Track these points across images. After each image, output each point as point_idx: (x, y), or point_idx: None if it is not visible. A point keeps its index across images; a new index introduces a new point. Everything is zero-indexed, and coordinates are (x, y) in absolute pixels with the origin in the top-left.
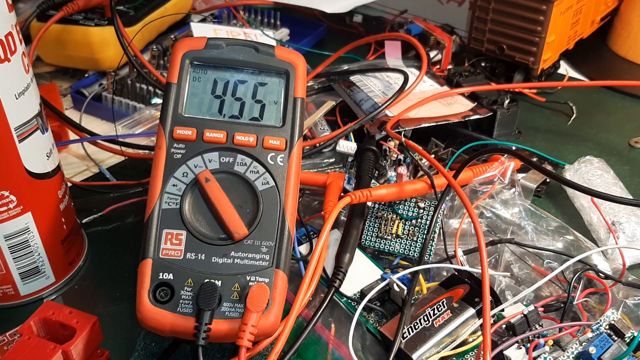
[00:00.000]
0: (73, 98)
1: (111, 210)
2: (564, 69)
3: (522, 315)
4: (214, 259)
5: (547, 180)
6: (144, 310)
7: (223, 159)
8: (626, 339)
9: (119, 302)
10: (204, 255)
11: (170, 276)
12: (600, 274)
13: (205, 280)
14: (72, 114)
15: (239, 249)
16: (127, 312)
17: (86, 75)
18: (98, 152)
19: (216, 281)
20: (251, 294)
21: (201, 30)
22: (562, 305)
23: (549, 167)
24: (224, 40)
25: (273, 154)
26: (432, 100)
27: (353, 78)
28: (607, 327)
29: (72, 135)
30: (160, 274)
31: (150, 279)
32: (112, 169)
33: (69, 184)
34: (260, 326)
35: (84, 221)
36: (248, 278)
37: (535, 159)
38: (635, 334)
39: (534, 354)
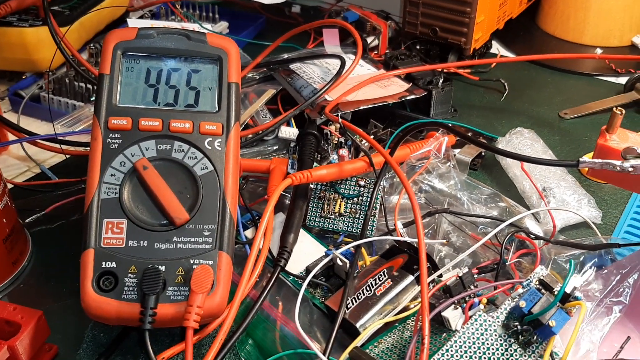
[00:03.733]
0: (11, 100)
1: (54, 208)
2: (496, 48)
3: (457, 277)
4: (157, 245)
5: (482, 153)
6: (88, 300)
7: (160, 147)
8: (555, 292)
9: (66, 298)
10: (146, 242)
11: (113, 264)
12: (531, 235)
13: (149, 266)
14: (11, 117)
15: (181, 233)
16: (74, 307)
17: (23, 77)
18: (39, 153)
19: (160, 266)
20: (195, 275)
21: (138, 26)
22: (495, 266)
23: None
24: (154, 30)
25: (210, 139)
26: (369, 83)
27: (293, 66)
28: (536, 282)
29: (12, 137)
30: (103, 262)
31: (93, 268)
32: (54, 168)
33: (11, 185)
34: (206, 307)
35: (26, 220)
36: (192, 261)
37: (470, 134)
38: None
39: (470, 312)
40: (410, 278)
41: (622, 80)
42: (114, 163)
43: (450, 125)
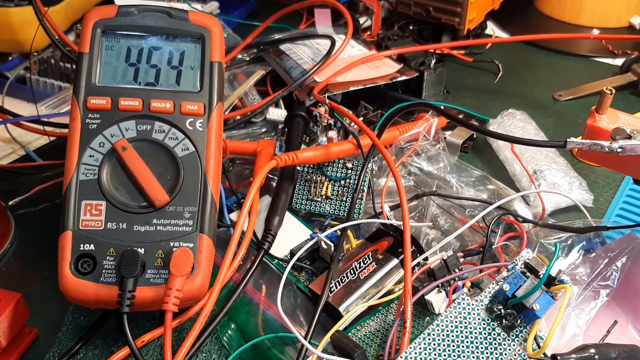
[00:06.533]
0: None
1: (38, 190)
2: (491, 29)
3: (442, 260)
4: (136, 227)
5: (474, 135)
6: (66, 282)
7: (140, 127)
8: (540, 275)
9: (48, 281)
10: (125, 224)
11: (92, 247)
12: (519, 218)
13: (127, 248)
14: None
15: (161, 216)
16: (56, 291)
17: (10, 59)
18: (24, 135)
19: (139, 249)
20: (174, 258)
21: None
22: (481, 249)
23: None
24: (135, 7)
25: (192, 119)
26: (359, 64)
27: (283, 47)
28: (522, 265)
29: None
30: (81, 245)
31: (71, 250)
32: (40, 150)
33: None
34: (187, 290)
35: (10, 203)
36: (172, 244)
37: (461, 116)
38: None
39: (453, 296)
40: (395, 261)
41: (619, 61)
42: (93, 144)
43: (441, 107)
